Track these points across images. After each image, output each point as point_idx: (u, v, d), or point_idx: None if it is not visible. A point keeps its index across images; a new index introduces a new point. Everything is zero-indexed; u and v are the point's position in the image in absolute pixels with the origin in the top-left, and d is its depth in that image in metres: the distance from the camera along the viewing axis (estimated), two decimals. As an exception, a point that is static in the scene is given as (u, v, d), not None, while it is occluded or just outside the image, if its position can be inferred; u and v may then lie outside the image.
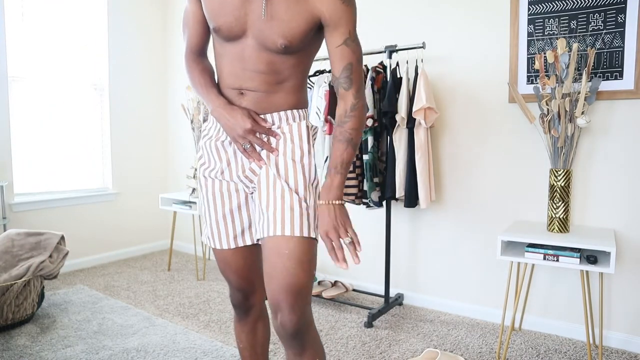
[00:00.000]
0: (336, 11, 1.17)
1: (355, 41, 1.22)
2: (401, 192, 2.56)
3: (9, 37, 3.18)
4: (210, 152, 1.35)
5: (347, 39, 1.20)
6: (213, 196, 1.35)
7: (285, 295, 1.17)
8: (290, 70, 1.26)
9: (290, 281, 1.17)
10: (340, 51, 1.20)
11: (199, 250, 4.05)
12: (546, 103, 2.15)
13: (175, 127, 4.21)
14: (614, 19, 2.18)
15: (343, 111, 1.23)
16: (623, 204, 2.24)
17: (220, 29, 1.22)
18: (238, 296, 1.43)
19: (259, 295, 1.46)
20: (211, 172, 1.35)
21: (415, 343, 2.33)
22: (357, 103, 1.22)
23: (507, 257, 2.04)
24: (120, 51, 3.84)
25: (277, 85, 1.26)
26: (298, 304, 1.18)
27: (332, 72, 1.25)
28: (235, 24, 1.20)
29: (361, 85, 1.24)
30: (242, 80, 1.25)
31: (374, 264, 3.04)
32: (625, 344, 2.25)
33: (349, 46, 1.20)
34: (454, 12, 2.64)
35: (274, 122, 1.28)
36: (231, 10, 1.20)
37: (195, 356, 2.15)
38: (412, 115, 2.47)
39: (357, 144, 1.23)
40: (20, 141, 3.31)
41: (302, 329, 1.20)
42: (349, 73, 1.22)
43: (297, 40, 1.19)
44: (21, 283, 2.41)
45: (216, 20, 1.22)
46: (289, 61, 1.24)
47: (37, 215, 3.37)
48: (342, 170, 1.22)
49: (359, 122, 1.22)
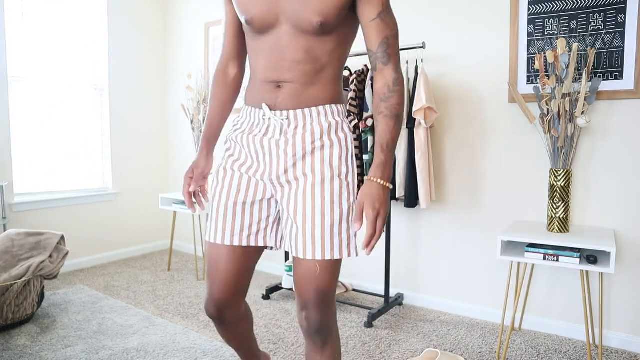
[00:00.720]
0: None
1: (390, 14, 1.20)
2: (401, 192, 2.56)
3: (9, 37, 3.18)
4: (242, 146, 1.30)
5: (382, 12, 1.18)
6: (229, 187, 1.28)
7: (313, 295, 1.22)
8: (328, 57, 1.22)
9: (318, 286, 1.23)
10: (376, 25, 1.18)
11: (199, 250, 4.05)
12: (546, 103, 2.15)
13: (175, 127, 4.21)
14: (614, 19, 2.18)
15: (385, 86, 1.20)
16: (623, 204, 2.24)
17: (253, 20, 1.20)
18: (212, 309, 1.32)
19: (235, 308, 1.34)
20: (241, 166, 1.30)
21: (415, 343, 2.33)
22: (398, 77, 1.20)
23: (507, 257, 2.04)
24: (120, 51, 3.84)
25: (315, 76, 1.22)
26: (324, 303, 1.24)
27: (367, 47, 1.22)
28: (268, 11, 1.18)
29: (399, 60, 1.22)
30: (280, 72, 1.22)
31: (374, 264, 3.04)
32: (625, 344, 2.25)
33: (384, 20, 1.18)
34: (454, 12, 2.64)
35: (312, 118, 1.24)
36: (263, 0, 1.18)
37: (195, 356, 2.15)
38: (412, 115, 2.48)
39: (402, 120, 1.21)
40: (20, 141, 3.31)
41: (325, 326, 1.26)
42: (386, 47, 1.19)
43: (333, 16, 1.16)
44: (21, 283, 2.41)
45: (248, 11, 1.20)
46: (326, 46, 1.21)
47: (37, 215, 3.37)
48: (392, 147, 1.18)
49: (402, 97, 1.21)
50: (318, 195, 1.21)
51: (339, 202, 1.22)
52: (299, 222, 1.22)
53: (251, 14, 1.20)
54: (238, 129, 1.33)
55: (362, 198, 1.15)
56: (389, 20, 1.19)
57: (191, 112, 3.53)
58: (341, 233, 1.22)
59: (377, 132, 1.19)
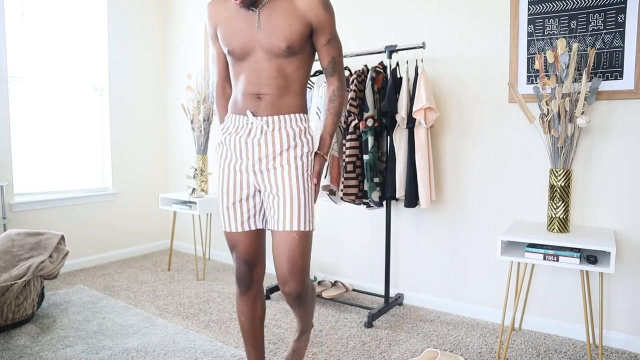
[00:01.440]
0: (321, 19, 1.56)
1: (336, 39, 1.64)
2: (401, 192, 2.56)
3: (9, 37, 3.18)
4: (229, 146, 1.65)
5: (330, 39, 1.61)
6: (227, 187, 1.65)
7: (290, 273, 1.58)
8: (295, 74, 1.61)
9: (294, 263, 1.57)
10: (326, 49, 1.62)
11: (199, 250, 4.05)
12: (546, 103, 2.15)
13: (175, 127, 4.21)
14: (614, 19, 2.18)
15: (332, 92, 1.67)
16: (623, 204, 2.24)
17: (234, 50, 1.59)
18: (244, 268, 1.70)
19: (260, 269, 1.73)
20: (229, 163, 1.65)
21: (415, 343, 2.33)
22: (341, 86, 1.67)
23: (507, 257, 2.04)
24: (120, 51, 3.84)
25: (286, 89, 1.60)
26: (300, 278, 1.60)
27: (321, 64, 1.67)
28: (246, 42, 1.57)
29: (342, 72, 1.68)
30: (259, 87, 1.59)
31: (374, 264, 3.04)
32: (625, 344, 2.25)
33: (332, 44, 1.62)
34: (454, 12, 2.64)
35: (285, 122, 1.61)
36: (242, 34, 1.58)
37: (195, 356, 2.15)
38: (412, 115, 2.47)
39: (341, 115, 1.71)
40: (20, 141, 3.31)
41: (302, 294, 1.63)
42: (333, 64, 1.65)
43: (296, 42, 1.55)
44: (21, 283, 2.41)
45: (231, 44, 1.59)
46: (293, 64, 1.59)
47: (37, 215, 3.37)
48: (332, 134, 1.69)
49: (344, 99, 1.69)
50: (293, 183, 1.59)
51: (305, 190, 1.61)
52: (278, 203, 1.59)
53: (233, 45, 1.59)
54: (225, 132, 1.67)
55: (317, 165, 1.65)
56: (335, 44, 1.63)
57: (191, 112, 3.53)
58: (306, 212, 1.59)
59: (324, 123, 1.69)
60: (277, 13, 1.56)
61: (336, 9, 3.09)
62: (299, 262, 1.58)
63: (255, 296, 1.75)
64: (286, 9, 1.55)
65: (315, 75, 2.88)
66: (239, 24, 1.59)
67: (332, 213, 3.21)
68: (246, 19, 1.58)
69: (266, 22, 1.56)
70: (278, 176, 1.59)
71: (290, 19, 1.55)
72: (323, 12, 1.56)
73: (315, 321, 2.59)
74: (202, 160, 3.54)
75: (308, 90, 2.87)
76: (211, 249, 3.99)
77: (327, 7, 1.57)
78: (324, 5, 1.56)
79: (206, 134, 3.51)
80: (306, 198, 1.59)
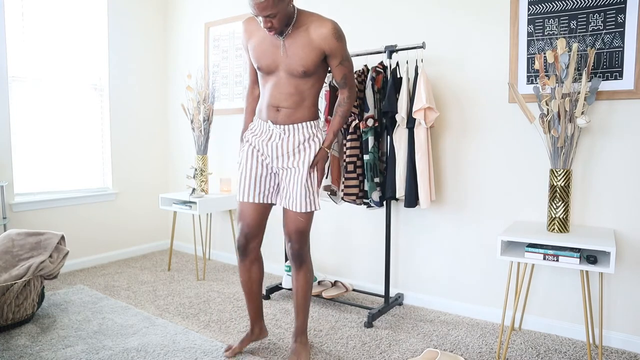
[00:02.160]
0: (333, 47, 1.92)
1: (348, 59, 2.01)
2: (401, 192, 2.56)
3: (9, 37, 3.18)
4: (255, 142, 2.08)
5: (342, 61, 1.98)
6: (251, 165, 2.07)
7: (294, 232, 2.07)
8: (309, 91, 2.01)
9: (298, 227, 2.06)
10: (339, 68, 2.01)
11: (199, 250, 4.05)
12: (546, 103, 2.15)
13: (175, 127, 4.21)
14: (614, 19, 2.18)
15: (342, 98, 2.10)
16: (623, 204, 2.24)
17: (262, 67, 1.99)
18: (242, 240, 2.10)
19: (257, 242, 2.14)
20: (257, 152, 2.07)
21: (415, 343, 2.33)
22: (350, 95, 2.10)
23: (507, 257, 2.04)
24: (120, 51, 3.84)
25: (301, 103, 2.01)
26: (301, 239, 2.08)
27: (334, 79, 2.06)
28: (271, 62, 1.97)
29: (353, 85, 2.09)
30: (279, 101, 2.00)
31: (374, 264, 3.04)
32: (625, 344, 2.25)
33: (343, 64, 2.00)
34: (454, 12, 2.64)
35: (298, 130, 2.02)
36: (269, 55, 1.97)
37: (195, 356, 2.15)
38: (412, 115, 2.47)
39: (347, 118, 2.12)
40: (20, 141, 3.32)
41: (301, 253, 2.09)
42: (345, 79, 2.05)
43: (311, 66, 1.94)
44: (21, 283, 2.41)
45: (260, 62, 1.99)
46: (307, 84, 1.99)
47: (37, 215, 3.37)
48: (336, 132, 2.10)
49: (351, 106, 2.12)
50: (301, 180, 2.03)
51: (311, 183, 2.05)
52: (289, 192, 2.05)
53: (260, 63, 1.99)
54: (253, 133, 2.10)
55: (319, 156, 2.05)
56: (346, 64, 2.01)
57: (191, 112, 3.53)
58: (309, 198, 2.04)
59: (332, 122, 2.10)
60: (297, 43, 1.92)
61: (336, 8, 3.09)
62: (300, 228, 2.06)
63: (252, 262, 2.16)
64: (304, 41, 1.91)
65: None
66: (269, 47, 1.97)
67: (332, 213, 3.21)
68: (274, 43, 1.96)
69: (289, 49, 1.94)
70: (292, 175, 2.05)
71: (307, 50, 1.91)
72: (335, 42, 1.91)
73: (315, 321, 2.60)
74: (202, 160, 3.53)
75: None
76: (211, 249, 3.99)
77: (339, 37, 1.91)
78: (336, 36, 1.90)
79: (206, 134, 3.51)
80: (309, 190, 2.04)
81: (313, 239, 3.33)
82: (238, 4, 3.64)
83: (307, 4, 3.23)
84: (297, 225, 2.05)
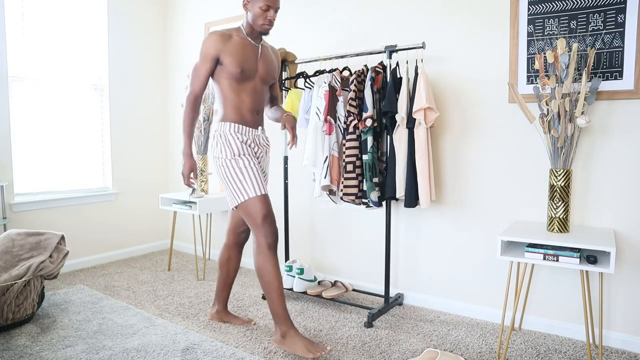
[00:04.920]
0: (278, 69, 2.41)
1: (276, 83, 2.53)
2: (401, 192, 2.56)
3: (9, 37, 3.18)
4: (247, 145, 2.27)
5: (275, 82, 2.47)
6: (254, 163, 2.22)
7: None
8: (266, 99, 2.45)
9: None
10: (276, 84, 2.51)
11: (199, 250, 4.05)
12: (546, 103, 2.15)
13: (175, 127, 4.21)
14: (614, 19, 2.18)
15: (275, 105, 2.53)
16: (623, 204, 2.24)
17: (244, 71, 2.19)
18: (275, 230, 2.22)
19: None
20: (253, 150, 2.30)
21: (415, 343, 2.33)
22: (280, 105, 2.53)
23: (507, 257, 2.04)
24: (120, 51, 3.84)
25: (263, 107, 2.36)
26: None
27: (272, 93, 2.52)
28: (252, 68, 2.22)
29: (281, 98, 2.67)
30: (258, 105, 2.29)
31: (374, 264, 3.04)
32: (625, 344, 2.25)
33: (276, 84, 2.52)
34: (453, 12, 2.64)
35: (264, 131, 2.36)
36: (250, 61, 2.22)
37: (195, 356, 2.15)
38: (412, 115, 2.47)
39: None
40: (20, 141, 3.32)
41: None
42: (277, 95, 2.55)
43: (274, 78, 2.36)
44: (21, 283, 2.41)
45: (243, 65, 2.18)
46: (266, 91, 2.36)
47: (37, 215, 3.37)
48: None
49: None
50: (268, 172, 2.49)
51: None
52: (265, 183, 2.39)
53: (245, 67, 2.19)
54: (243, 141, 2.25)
55: (290, 122, 2.29)
56: (276, 85, 2.51)
57: (191, 112, 3.52)
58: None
59: (277, 111, 2.43)
60: (266, 53, 2.29)
61: (336, 8, 3.09)
62: None
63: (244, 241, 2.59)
64: (269, 53, 2.33)
65: (315, 76, 2.88)
66: (248, 53, 2.21)
67: (332, 213, 3.21)
68: (252, 50, 2.23)
69: (262, 58, 2.26)
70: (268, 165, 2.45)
71: (274, 62, 2.34)
72: (277, 65, 2.41)
73: (315, 321, 2.60)
74: (202, 160, 3.53)
75: (308, 90, 2.87)
76: (211, 248, 3.99)
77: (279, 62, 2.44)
78: (279, 61, 2.44)
79: (206, 134, 3.51)
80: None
81: (313, 239, 3.33)
82: (238, 4, 3.63)
83: (307, 6, 3.23)
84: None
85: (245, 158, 2.20)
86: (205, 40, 2.19)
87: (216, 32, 2.18)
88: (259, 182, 2.18)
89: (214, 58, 2.18)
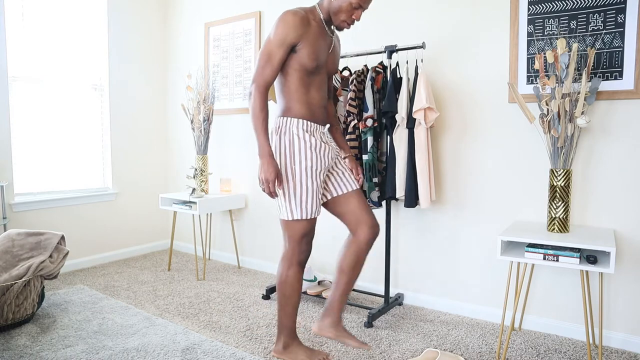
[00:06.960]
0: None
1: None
2: (401, 192, 2.56)
3: (9, 37, 3.18)
4: (314, 143, 1.95)
5: None
6: (318, 176, 1.95)
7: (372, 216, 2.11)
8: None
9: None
10: (331, 77, 2.22)
11: (199, 250, 4.05)
12: (546, 103, 2.15)
13: (175, 127, 4.21)
14: (613, 19, 2.18)
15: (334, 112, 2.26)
16: (623, 204, 2.24)
17: (319, 64, 1.92)
18: (306, 256, 2.04)
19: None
20: (314, 170, 1.95)
21: (415, 343, 2.33)
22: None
23: (507, 257, 2.04)
24: (120, 51, 3.84)
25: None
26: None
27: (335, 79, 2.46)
28: (323, 62, 1.96)
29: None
30: (324, 100, 2.01)
31: (374, 264, 3.04)
32: (625, 344, 2.25)
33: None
34: (454, 12, 2.64)
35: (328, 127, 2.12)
36: (323, 54, 1.94)
37: (195, 356, 2.15)
38: (412, 115, 2.47)
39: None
40: (20, 141, 3.32)
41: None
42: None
43: (337, 71, 2.11)
44: (21, 283, 2.41)
45: (319, 59, 1.91)
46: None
47: (37, 215, 3.37)
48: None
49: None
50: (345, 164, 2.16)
51: None
52: (344, 174, 2.10)
53: (320, 61, 1.92)
54: (310, 142, 1.93)
55: (355, 164, 2.13)
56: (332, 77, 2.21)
57: (191, 112, 3.53)
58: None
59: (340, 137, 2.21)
60: (337, 46, 2.04)
61: (336, 9, 3.08)
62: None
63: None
64: (338, 44, 2.06)
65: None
66: (322, 46, 1.93)
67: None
68: (326, 41, 1.95)
69: (334, 50, 2.01)
70: (333, 156, 2.03)
71: (339, 54, 2.08)
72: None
73: (315, 321, 2.60)
74: (202, 160, 3.54)
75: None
76: (211, 249, 3.99)
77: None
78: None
79: (206, 134, 3.51)
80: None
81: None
82: (238, 4, 3.64)
83: (307, 3, 3.23)
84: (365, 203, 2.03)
85: (308, 172, 1.90)
86: (283, 20, 1.83)
87: (297, 13, 1.84)
88: (313, 204, 1.92)
89: (292, 44, 1.85)
